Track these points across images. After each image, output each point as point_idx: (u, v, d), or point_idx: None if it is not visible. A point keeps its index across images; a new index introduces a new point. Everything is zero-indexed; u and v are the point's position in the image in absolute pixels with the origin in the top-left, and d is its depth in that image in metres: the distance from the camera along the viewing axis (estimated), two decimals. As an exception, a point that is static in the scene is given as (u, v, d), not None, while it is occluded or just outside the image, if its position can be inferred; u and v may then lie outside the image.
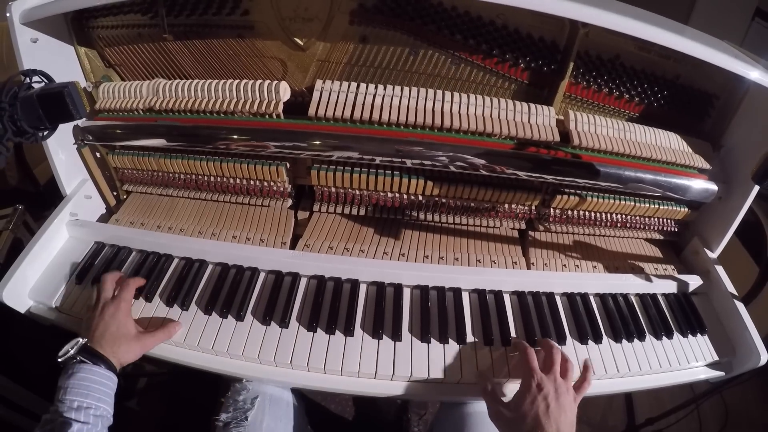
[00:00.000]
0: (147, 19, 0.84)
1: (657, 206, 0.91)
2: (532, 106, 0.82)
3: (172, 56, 0.88)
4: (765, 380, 1.61)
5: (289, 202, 0.93)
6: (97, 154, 0.94)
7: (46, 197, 1.56)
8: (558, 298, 0.84)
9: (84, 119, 0.85)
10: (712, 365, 0.84)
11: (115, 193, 1.00)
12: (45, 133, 0.68)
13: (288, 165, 0.86)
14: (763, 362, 0.80)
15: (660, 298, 0.89)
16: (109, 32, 0.87)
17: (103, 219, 0.97)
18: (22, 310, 0.79)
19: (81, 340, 0.66)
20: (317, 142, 0.79)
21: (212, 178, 0.90)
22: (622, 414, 1.57)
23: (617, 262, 0.92)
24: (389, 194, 0.88)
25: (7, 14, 0.73)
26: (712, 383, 0.88)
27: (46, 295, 0.79)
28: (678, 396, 1.44)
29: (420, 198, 0.88)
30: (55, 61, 0.83)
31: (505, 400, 0.67)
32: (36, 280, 0.81)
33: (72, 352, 0.64)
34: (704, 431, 1.55)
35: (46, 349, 0.66)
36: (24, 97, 0.62)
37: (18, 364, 1.14)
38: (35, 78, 0.68)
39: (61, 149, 0.86)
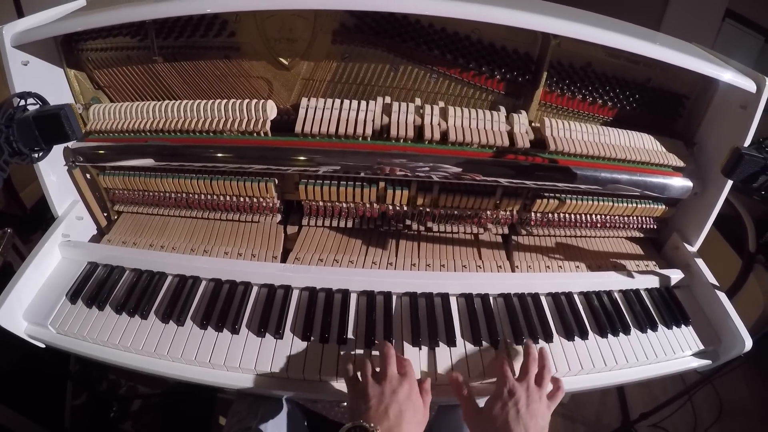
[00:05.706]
0: (136, 42, 0.86)
1: (635, 205, 0.93)
2: (509, 115, 0.85)
3: (161, 78, 0.90)
4: (757, 370, 1.65)
5: (278, 217, 0.94)
6: (88, 176, 0.95)
7: (33, 220, 1.56)
8: (543, 299, 0.86)
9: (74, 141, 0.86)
10: (698, 354, 0.86)
11: (106, 214, 1.01)
12: (40, 154, 0.70)
13: (276, 181, 0.88)
14: (747, 348, 0.82)
15: (643, 293, 0.91)
16: (99, 54, 0.88)
17: (95, 240, 0.98)
18: (17, 332, 0.79)
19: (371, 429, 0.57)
20: (304, 158, 0.81)
21: (202, 196, 0.92)
22: (616, 411, 1.59)
23: (599, 261, 0.95)
24: (375, 206, 0.90)
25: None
26: (700, 373, 0.90)
27: (41, 316, 0.79)
28: (671, 390, 1.46)
29: (405, 208, 0.91)
30: (46, 83, 0.84)
31: (480, 403, 0.69)
32: (30, 302, 0.81)
33: None
34: (699, 423, 1.58)
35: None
36: (20, 118, 0.64)
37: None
38: (30, 100, 0.70)
39: (52, 171, 0.87)
